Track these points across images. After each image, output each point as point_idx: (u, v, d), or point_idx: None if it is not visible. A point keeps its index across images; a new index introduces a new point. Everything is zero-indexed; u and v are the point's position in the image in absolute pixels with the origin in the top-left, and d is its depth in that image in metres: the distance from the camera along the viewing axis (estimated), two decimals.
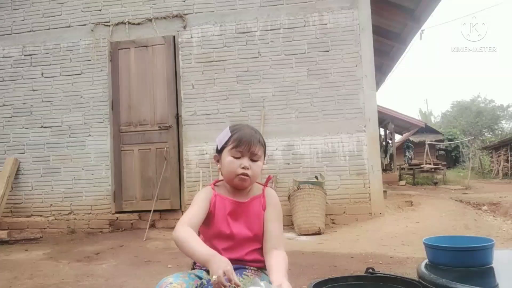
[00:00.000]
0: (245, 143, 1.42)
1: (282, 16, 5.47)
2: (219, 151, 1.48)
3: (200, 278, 1.42)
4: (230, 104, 5.43)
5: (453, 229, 4.50)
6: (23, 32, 5.97)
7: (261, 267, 1.51)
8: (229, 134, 1.46)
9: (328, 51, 5.37)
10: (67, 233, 5.47)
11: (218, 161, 1.51)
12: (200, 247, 1.26)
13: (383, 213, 5.21)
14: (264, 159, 1.52)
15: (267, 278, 1.50)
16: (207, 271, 1.46)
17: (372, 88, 5.32)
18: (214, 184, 1.52)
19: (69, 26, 5.88)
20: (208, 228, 1.47)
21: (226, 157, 1.43)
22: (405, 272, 2.95)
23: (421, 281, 1.35)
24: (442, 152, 25.04)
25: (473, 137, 26.12)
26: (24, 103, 5.88)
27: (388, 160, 15.36)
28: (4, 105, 5.93)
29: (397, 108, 31.17)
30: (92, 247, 4.53)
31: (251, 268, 1.46)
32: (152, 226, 5.30)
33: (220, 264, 1.16)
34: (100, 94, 5.72)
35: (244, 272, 1.43)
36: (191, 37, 5.62)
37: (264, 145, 1.49)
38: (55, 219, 5.65)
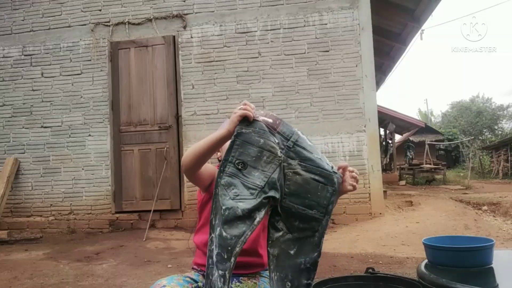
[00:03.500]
0: None
1: (282, 16, 5.47)
2: None
3: (196, 282, 1.41)
4: (230, 104, 5.43)
5: (453, 229, 4.50)
6: (23, 32, 5.97)
7: (259, 271, 1.50)
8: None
9: (328, 51, 5.37)
10: (67, 233, 5.47)
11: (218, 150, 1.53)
12: (214, 133, 1.26)
13: (383, 213, 5.21)
14: None
15: (266, 281, 1.50)
16: (204, 275, 1.46)
17: (372, 88, 5.32)
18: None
19: (69, 26, 5.88)
20: (208, 208, 1.46)
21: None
22: (405, 272, 2.95)
23: (421, 281, 1.35)
24: (442, 152, 25.05)
25: (473, 137, 26.11)
26: (24, 103, 5.88)
27: (388, 160, 15.36)
28: (4, 105, 5.93)
29: (397, 108, 31.22)
30: (92, 247, 4.53)
31: (248, 275, 1.46)
32: (152, 226, 5.30)
33: (234, 113, 1.19)
34: (100, 94, 5.72)
35: (240, 278, 1.43)
36: (191, 37, 5.62)
37: None
38: (55, 219, 5.65)
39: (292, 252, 1.18)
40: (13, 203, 5.74)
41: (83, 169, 5.68)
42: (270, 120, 1.19)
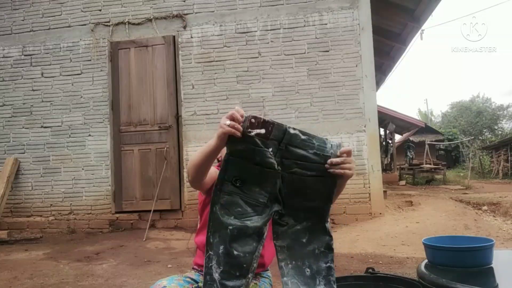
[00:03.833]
0: None
1: (282, 16, 5.47)
2: None
3: (196, 282, 1.41)
4: (230, 104, 5.43)
5: (453, 229, 4.50)
6: (23, 32, 5.97)
7: (259, 272, 1.49)
8: None
9: (328, 51, 5.37)
10: (67, 233, 5.47)
11: None
12: (208, 143, 1.24)
13: (383, 213, 5.21)
14: None
15: (266, 281, 1.49)
16: None
17: (372, 88, 5.32)
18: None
19: (69, 26, 5.88)
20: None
21: None
22: (405, 272, 2.95)
23: (421, 281, 1.35)
24: (442, 152, 25.06)
25: (473, 137, 26.11)
26: (24, 103, 5.88)
27: (388, 160, 15.36)
28: (4, 105, 5.93)
29: (397, 108, 31.21)
30: (92, 247, 4.53)
31: None
32: (152, 226, 5.30)
33: (220, 127, 1.13)
34: (100, 94, 5.72)
35: None
36: (191, 37, 5.62)
37: None
38: (55, 219, 5.65)
39: (304, 240, 1.20)
40: (13, 203, 5.74)
41: (83, 169, 5.68)
42: (263, 131, 1.13)
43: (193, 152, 5.47)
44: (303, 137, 1.17)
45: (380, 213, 5.18)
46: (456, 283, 1.21)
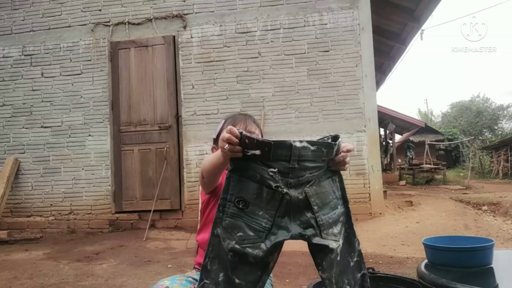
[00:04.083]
0: (240, 121, 1.45)
1: (282, 16, 5.47)
2: (216, 140, 1.50)
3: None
4: (230, 104, 5.43)
5: (453, 229, 4.50)
6: (23, 32, 5.97)
7: None
8: (224, 121, 1.51)
9: (328, 51, 5.37)
10: (67, 233, 5.47)
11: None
12: (217, 153, 1.20)
13: (383, 213, 5.21)
14: None
15: (268, 281, 1.49)
16: None
17: (372, 88, 5.32)
18: None
19: (69, 26, 5.88)
20: (210, 207, 1.44)
21: None
22: (405, 272, 2.95)
23: (421, 281, 1.35)
24: (442, 152, 25.05)
25: (473, 137, 26.11)
26: (24, 103, 5.88)
27: (388, 160, 15.36)
28: (4, 105, 5.93)
29: (397, 108, 31.21)
30: (92, 247, 4.53)
31: None
32: (152, 226, 5.30)
33: (222, 150, 1.07)
34: (100, 94, 5.72)
35: None
36: (191, 37, 5.62)
37: (259, 127, 1.50)
38: (55, 219, 5.65)
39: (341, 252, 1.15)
40: (13, 203, 5.74)
41: (83, 169, 5.68)
42: (258, 152, 1.04)
43: (193, 152, 5.48)
44: (312, 148, 1.07)
45: (380, 213, 5.18)
46: (456, 283, 1.21)
